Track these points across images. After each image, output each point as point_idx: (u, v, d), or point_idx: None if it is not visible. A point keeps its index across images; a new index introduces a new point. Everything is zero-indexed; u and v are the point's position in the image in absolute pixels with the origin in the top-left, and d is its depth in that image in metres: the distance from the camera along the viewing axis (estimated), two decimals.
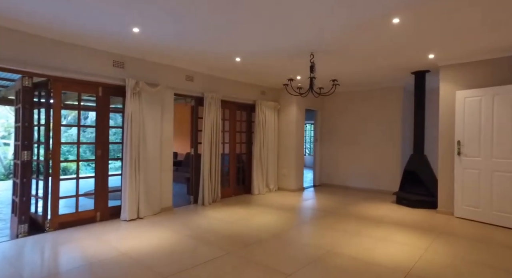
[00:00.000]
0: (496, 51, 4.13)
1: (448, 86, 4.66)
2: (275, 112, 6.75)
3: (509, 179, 3.99)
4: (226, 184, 5.96)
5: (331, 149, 7.40)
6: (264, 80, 6.19)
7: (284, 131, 6.78)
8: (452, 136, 4.59)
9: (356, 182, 6.96)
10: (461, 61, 4.49)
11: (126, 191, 4.10)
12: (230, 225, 4.04)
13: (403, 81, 6.17)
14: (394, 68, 5.11)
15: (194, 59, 4.60)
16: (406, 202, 5.23)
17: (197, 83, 5.17)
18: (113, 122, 9.95)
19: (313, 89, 4.08)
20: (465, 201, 4.39)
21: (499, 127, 4.08)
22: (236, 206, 5.18)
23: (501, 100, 4.07)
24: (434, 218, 4.46)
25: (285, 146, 6.77)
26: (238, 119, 6.22)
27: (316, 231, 3.81)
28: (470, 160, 4.34)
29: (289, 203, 5.44)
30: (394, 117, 6.43)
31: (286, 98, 6.73)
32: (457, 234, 3.74)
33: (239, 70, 5.34)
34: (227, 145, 5.97)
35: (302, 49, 4.01)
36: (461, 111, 4.43)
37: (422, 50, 4.12)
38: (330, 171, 7.41)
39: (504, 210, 4.02)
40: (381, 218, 4.45)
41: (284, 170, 6.76)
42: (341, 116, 7.24)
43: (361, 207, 5.13)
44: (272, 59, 4.55)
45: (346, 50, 4.06)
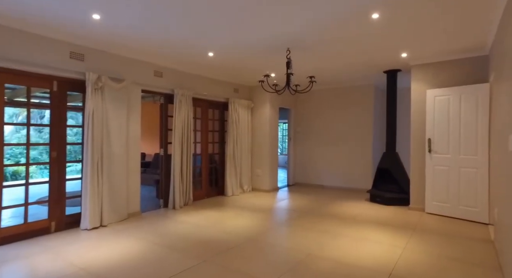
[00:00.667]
0: (463, 52, 4.26)
1: (419, 85, 4.76)
2: (249, 111, 6.58)
3: (474, 175, 4.14)
4: (198, 186, 5.68)
5: (305, 147, 7.37)
6: (237, 77, 5.99)
7: (258, 130, 6.63)
8: (423, 134, 4.69)
9: (330, 181, 6.98)
10: (431, 60, 4.60)
11: (87, 196, 3.70)
12: (204, 229, 3.80)
13: (375, 80, 6.27)
14: (368, 67, 5.14)
15: (164, 53, 4.29)
16: (379, 199, 5.29)
17: (166, 79, 4.85)
18: (74, 122, 9.23)
19: (290, 86, 3.95)
20: (435, 197, 4.50)
21: (466, 125, 4.22)
22: (210, 208, 4.93)
23: (467, 99, 4.21)
24: (407, 214, 4.54)
25: (259, 145, 6.62)
26: (210, 118, 5.96)
27: (294, 233, 3.69)
28: (440, 157, 4.46)
29: (264, 204, 5.29)
30: (367, 115, 6.53)
31: (260, 97, 6.58)
32: (429, 230, 3.79)
33: (212, 67, 5.10)
34: (199, 144, 5.69)
35: (277, 44, 3.87)
36: (432, 109, 4.54)
37: (395, 49, 4.15)
38: (304, 170, 7.38)
39: (470, 204, 4.17)
40: (356, 216, 4.44)
41: (258, 170, 6.61)
42: (315, 115, 7.23)
43: (337, 206, 5.11)
44: (247, 54, 4.36)
45: (322, 47, 3.97)
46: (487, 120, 4.02)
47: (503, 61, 2.60)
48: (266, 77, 3.95)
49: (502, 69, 2.73)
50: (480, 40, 3.81)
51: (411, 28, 3.35)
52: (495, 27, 3.33)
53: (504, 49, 2.57)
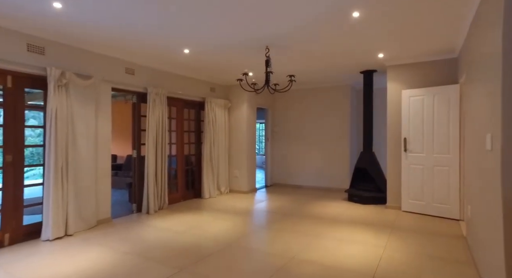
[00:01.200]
0: (435, 54, 4.38)
1: (394, 86, 4.85)
2: (226, 111, 6.42)
3: (446, 173, 4.27)
4: (174, 189, 5.45)
5: (283, 148, 7.33)
6: (214, 76, 5.81)
7: (235, 131, 6.49)
8: (399, 133, 4.78)
9: (308, 181, 6.98)
10: (406, 61, 4.70)
11: (49, 203, 3.37)
12: (180, 235, 3.61)
13: (352, 80, 6.34)
14: (345, 67, 5.17)
15: (135, 49, 4.04)
16: (357, 198, 5.34)
17: (139, 77, 4.58)
18: (37, 122, 8.57)
19: (269, 85, 3.86)
20: (411, 195, 4.60)
21: (439, 125, 4.34)
22: (186, 212, 4.72)
23: (440, 99, 4.33)
24: (384, 213, 4.60)
25: (236, 146, 6.48)
26: (186, 118, 5.74)
27: (275, 236, 3.59)
28: (415, 156, 4.56)
29: (243, 206, 5.16)
30: (343, 115, 6.59)
31: (237, 96, 6.44)
32: (406, 228, 3.85)
33: (188, 64, 4.89)
34: (174, 145, 5.46)
35: (256, 43, 3.76)
36: (407, 109, 4.64)
37: (373, 50, 4.18)
38: (282, 170, 7.34)
39: (443, 201, 4.29)
40: (336, 216, 4.43)
41: (236, 171, 6.47)
42: (292, 114, 7.21)
43: (316, 206, 5.09)
44: (225, 52, 4.21)
45: (301, 46, 3.91)
46: (458, 120, 4.15)
47: (477, 65, 2.66)
48: (244, 76, 3.83)
49: (475, 73, 2.79)
50: (451, 44, 3.92)
51: (389, 28, 3.36)
52: (464, 32, 3.44)
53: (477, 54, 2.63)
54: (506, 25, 1.79)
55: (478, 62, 2.62)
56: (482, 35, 2.39)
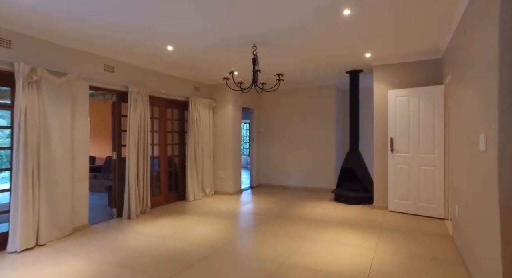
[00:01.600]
0: (421, 55, 4.41)
1: (381, 86, 4.85)
2: (210, 111, 6.25)
3: (432, 172, 4.30)
4: (156, 191, 5.22)
5: (268, 148, 7.24)
6: (199, 75, 5.63)
7: (220, 131, 6.33)
8: (386, 133, 4.79)
9: (294, 181, 6.92)
10: (392, 62, 4.71)
11: (17, 210, 3.08)
12: (164, 241, 3.42)
13: (337, 80, 6.33)
14: (332, 66, 5.13)
15: (115, 45, 3.81)
16: (344, 199, 5.32)
17: (119, 74, 4.34)
18: (6, 122, 8.05)
19: (257, 84, 3.74)
20: (397, 195, 4.61)
21: (424, 125, 4.37)
22: (170, 216, 4.52)
23: (425, 99, 4.36)
24: (372, 214, 4.58)
25: (221, 146, 6.32)
26: (169, 117, 5.53)
27: (263, 240, 3.48)
28: (401, 156, 4.58)
29: (229, 209, 5.02)
30: (329, 115, 6.57)
31: (222, 96, 6.28)
32: (395, 228, 3.84)
33: (171, 62, 4.69)
34: (157, 146, 5.24)
35: (243, 40, 3.63)
36: (393, 109, 4.65)
37: (360, 49, 4.15)
38: (267, 171, 7.24)
39: (429, 201, 4.33)
40: (324, 217, 4.37)
41: (221, 172, 6.31)
42: (278, 115, 7.13)
43: (303, 207, 5.02)
44: (210, 50, 4.06)
45: (289, 44, 3.82)
46: (442, 120, 4.20)
47: (466, 65, 2.65)
48: (231, 74, 3.69)
49: (463, 73, 2.79)
50: (436, 45, 3.95)
51: (378, 28, 3.33)
52: (450, 33, 3.46)
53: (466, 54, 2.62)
54: (502, 25, 1.76)
55: (467, 63, 2.61)
56: (473, 36, 2.38)
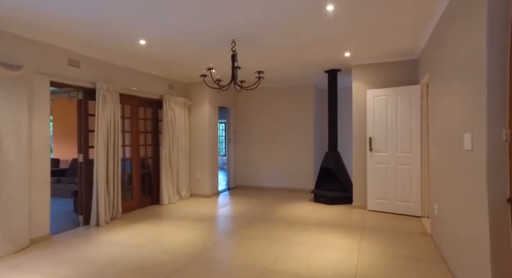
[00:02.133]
0: (398, 55, 4.47)
1: (359, 85, 4.86)
2: (186, 110, 6.00)
3: (409, 171, 4.37)
4: (128, 195, 4.90)
5: (245, 148, 7.09)
6: (173, 72, 5.37)
7: (196, 131, 6.09)
8: (365, 133, 4.81)
9: (272, 182, 6.82)
10: (371, 61, 4.74)
11: None
12: (136, 250, 3.17)
13: (315, 79, 6.31)
14: (312, 65, 5.08)
15: (81, 36, 3.49)
16: (323, 199, 5.29)
17: (85, 70, 4.00)
18: None
19: (236, 82, 3.58)
20: (376, 194, 4.64)
21: (402, 124, 4.43)
22: (143, 222, 4.24)
23: (402, 99, 4.42)
24: (352, 213, 4.58)
25: (197, 147, 6.08)
26: (142, 117, 5.22)
27: (243, 245, 3.32)
28: (380, 155, 4.61)
29: (206, 212, 4.81)
30: (307, 115, 6.54)
31: (198, 94, 6.05)
32: (376, 228, 3.84)
33: (144, 58, 4.41)
34: (129, 148, 4.92)
35: (220, 34, 3.45)
36: (372, 109, 4.67)
37: (340, 48, 4.11)
38: (245, 171, 7.10)
39: (406, 199, 4.39)
40: (305, 219, 4.30)
41: (197, 173, 6.08)
42: (255, 114, 7.00)
43: (282, 209, 4.93)
44: (186, 44, 3.84)
45: (269, 41, 3.70)
46: (419, 120, 4.27)
47: (447, 65, 2.66)
48: (209, 71, 3.50)
49: (444, 72, 2.80)
50: (413, 45, 4.00)
51: (358, 25, 3.29)
52: (428, 33, 3.50)
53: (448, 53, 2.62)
54: (490, 26, 1.74)
55: (448, 62, 2.62)
56: (456, 34, 2.37)
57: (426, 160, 4.22)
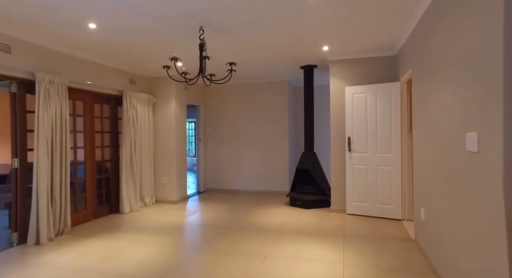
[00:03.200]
0: (379, 50, 4.26)
1: (337, 82, 4.60)
2: (150, 107, 5.42)
3: (389, 172, 4.17)
4: (80, 205, 4.26)
5: (216, 149, 6.63)
6: (134, 64, 4.78)
7: (162, 131, 5.53)
8: (343, 132, 4.56)
9: (245, 185, 6.42)
10: (349, 57, 4.49)
11: None
12: (86, 275, 2.62)
13: (290, 76, 6.00)
14: (286, 60, 4.74)
15: (12, 15, 2.86)
16: (299, 203, 4.98)
17: (19, 56, 3.33)
18: None
19: (205, 75, 3.13)
20: (356, 197, 4.41)
21: (381, 123, 4.22)
22: (97, 236, 3.66)
23: (382, 97, 4.22)
24: (331, 218, 4.30)
25: (163, 148, 5.53)
26: (98, 115, 4.59)
27: (215, 262, 2.89)
28: (359, 155, 4.38)
29: (173, 221, 4.30)
30: (281, 113, 6.21)
31: (164, 90, 5.50)
32: (358, 235, 3.57)
33: (98, 46, 3.81)
34: (82, 150, 4.28)
35: (187, 19, 2.99)
36: (351, 107, 4.43)
37: (318, 41, 3.80)
38: (216, 174, 6.63)
39: (386, 202, 4.19)
40: (281, 226, 3.95)
41: (163, 177, 5.52)
42: (227, 113, 6.56)
43: (257, 215, 4.54)
44: (147, 30, 3.32)
45: (241, 30, 3.29)
46: (399, 118, 4.08)
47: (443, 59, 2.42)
48: (173, 61, 3.02)
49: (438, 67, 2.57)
50: (395, 39, 3.79)
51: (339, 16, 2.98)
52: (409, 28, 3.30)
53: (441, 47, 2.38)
54: (508, 13, 1.46)
55: (440, 57, 2.38)
56: (452, 27, 2.12)
57: (406, 160, 4.05)
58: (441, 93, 2.39)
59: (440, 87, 2.41)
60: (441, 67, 2.38)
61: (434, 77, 2.56)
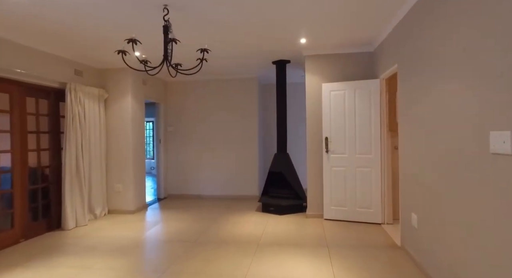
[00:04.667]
0: (358, 45, 4.03)
1: (314, 78, 4.30)
2: (101, 104, 4.65)
3: (369, 174, 3.96)
4: (6, 223, 3.43)
5: (179, 150, 6.00)
6: (81, 52, 4.02)
7: (116, 131, 4.80)
8: (320, 132, 4.27)
9: (212, 190, 5.89)
10: (327, 52, 4.21)
11: None
12: None
13: (259, 72, 5.60)
14: (258, 53, 4.33)
15: None
16: (273, 208, 4.59)
17: None
18: None
19: (170, 63, 2.58)
20: (334, 201, 4.14)
21: (361, 123, 4.00)
22: (28, 264, 2.90)
23: (361, 94, 3.99)
24: (309, 225, 3.97)
25: (118, 151, 4.79)
26: (32, 111, 3.76)
27: None
28: (337, 157, 4.11)
29: (130, 236, 3.65)
30: (251, 112, 5.79)
31: (118, 84, 4.77)
32: (341, 244, 3.27)
33: (29, 24, 3.05)
34: (8, 154, 3.44)
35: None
36: (328, 105, 4.15)
37: (296, 31, 3.44)
38: (179, 178, 6.01)
39: (366, 205, 3.98)
40: (256, 238, 3.52)
41: (117, 184, 4.79)
42: (190, 111, 5.97)
43: (228, 224, 4.07)
44: (96, 8, 2.68)
45: (208, 14, 2.81)
46: (378, 117, 3.89)
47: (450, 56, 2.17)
48: (131, 44, 2.43)
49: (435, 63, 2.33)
50: (376, 34, 3.58)
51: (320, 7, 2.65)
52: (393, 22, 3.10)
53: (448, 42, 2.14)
54: None
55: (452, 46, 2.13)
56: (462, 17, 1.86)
57: (385, 161, 3.86)
58: (445, 88, 2.14)
59: (443, 82, 2.16)
60: (445, 60, 2.13)
61: (433, 72, 2.31)
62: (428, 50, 2.39)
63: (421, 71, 2.54)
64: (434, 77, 2.30)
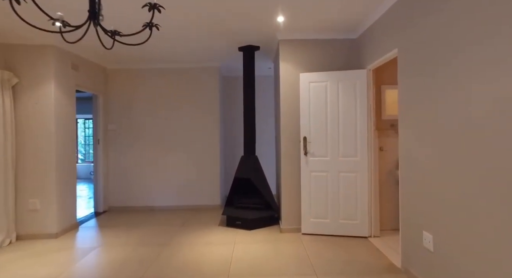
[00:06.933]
0: (339, 31, 3.46)
1: (289, 67, 3.63)
2: (6, 92, 3.44)
3: (354, 180, 3.41)
4: None
5: (123, 153, 4.92)
6: None
7: (32, 129, 3.61)
8: (297, 131, 3.61)
9: (164, 200, 4.91)
10: (304, 37, 3.57)
11: None
12: None
13: (221, 60, 4.79)
14: (221, 35, 3.53)
15: None
16: (240, 222, 3.82)
17: None
18: None
19: (100, 23, 1.67)
20: (313, 212, 3.51)
21: (345, 120, 3.43)
22: None
23: (345, 87, 3.42)
24: (285, 243, 3.28)
25: (34, 155, 3.61)
26: None
27: None
28: (317, 160, 3.49)
29: (47, 275, 2.60)
30: (211, 107, 4.94)
31: (34, 66, 3.59)
32: (333, 271, 2.63)
33: None
34: None
35: None
36: (307, 99, 3.51)
37: (270, 6, 2.73)
38: (123, 186, 4.93)
39: (351, 216, 3.42)
40: (225, 266, 2.72)
41: (32, 200, 3.60)
42: (137, 105, 4.93)
43: (186, 246, 3.20)
44: None
45: None
46: (365, 114, 3.35)
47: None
48: None
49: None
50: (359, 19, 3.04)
51: None
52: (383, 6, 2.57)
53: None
54: None
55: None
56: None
57: (372, 165, 3.34)
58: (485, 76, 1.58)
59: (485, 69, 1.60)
60: None
61: (465, 59, 1.76)
62: (451, 32, 1.83)
63: (441, 58, 1.99)
64: (464, 64, 1.74)
